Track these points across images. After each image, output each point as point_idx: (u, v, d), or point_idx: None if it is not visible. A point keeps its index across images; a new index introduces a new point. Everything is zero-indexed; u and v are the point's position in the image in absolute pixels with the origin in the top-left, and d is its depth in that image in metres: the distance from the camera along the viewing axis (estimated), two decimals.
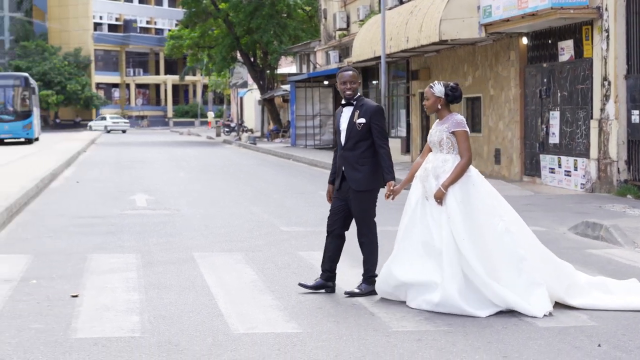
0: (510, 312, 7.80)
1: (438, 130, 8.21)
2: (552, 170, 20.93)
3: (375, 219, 8.73)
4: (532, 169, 22.22)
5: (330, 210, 8.81)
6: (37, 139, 51.56)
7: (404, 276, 8.08)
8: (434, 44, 23.93)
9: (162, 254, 11.18)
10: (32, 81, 51.19)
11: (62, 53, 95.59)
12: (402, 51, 26.84)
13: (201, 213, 15.80)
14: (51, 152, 36.60)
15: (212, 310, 8.01)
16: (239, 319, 7.66)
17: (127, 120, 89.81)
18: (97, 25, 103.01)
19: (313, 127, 42.37)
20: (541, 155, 21.48)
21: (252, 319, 7.67)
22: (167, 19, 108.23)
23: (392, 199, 8.50)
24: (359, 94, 8.73)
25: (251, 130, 63.12)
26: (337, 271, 8.93)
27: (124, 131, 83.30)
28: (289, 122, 49.48)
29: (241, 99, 75.67)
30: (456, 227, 7.91)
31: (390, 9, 29.47)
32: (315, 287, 8.73)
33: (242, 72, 68.17)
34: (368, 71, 35.61)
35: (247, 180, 23.88)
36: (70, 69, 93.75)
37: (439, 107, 8.28)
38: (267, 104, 54.91)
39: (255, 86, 59.36)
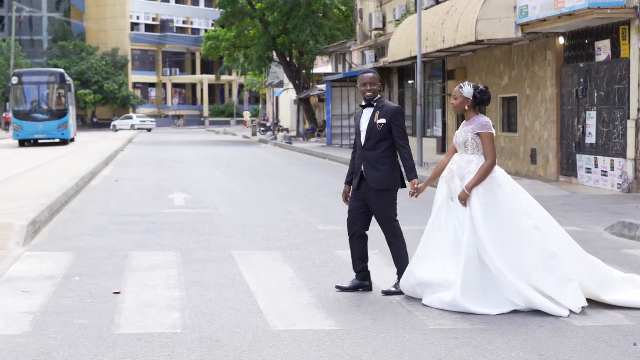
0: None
1: (464, 132, 8.30)
2: (588, 171, 20.89)
3: (399, 219, 8.85)
4: (568, 169, 22.18)
5: (348, 212, 8.93)
6: (72, 140, 49.38)
7: (424, 275, 8.21)
8: (470, 44, 23.95)
9: (201, 252, 11.34)
10: (68, 78, 48.53)
11: (100, 53, 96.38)
12: (438, 51, 26.87)
13: (239, 212, 15.96)
14: (89, 152, 36.99)
15: (252, 307, 8.15)
16: (278, 316, 7.79)
17: (153, 120, 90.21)
18: (134, 25, 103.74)
19: (349, 126, 42.38)
20: (578, 156, 21.44)
21: (291, 316, 7.80)
22: (204, 18, 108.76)
23: (416, 197, 8.62)
24: (379, 95, 8.84)
25: (287, 130, 63.32)
26: (373, 270, 9.05)
27: (149, 130, 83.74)
28: (325, 121, 49.59)
29: (277, 98, 75.87)
30: (479, 229, 7.99)
31: (426, 9, 29.51)
32: (353, 288, 8.85)
33: (278, 72, 68.38)
34: (404, 71, 35.66)
35: (283, 179, 24.02)
36: (107, 69, 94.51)
37: (466, 108, 8.37)
38: (303, 103, 55.05)
39: (291, 86, 59.52)
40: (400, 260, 8.75)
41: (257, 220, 14.77)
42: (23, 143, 45.46)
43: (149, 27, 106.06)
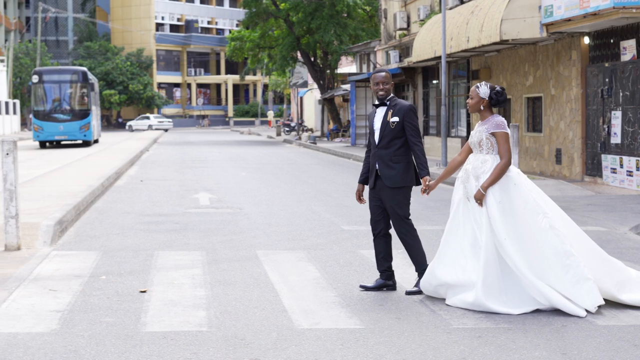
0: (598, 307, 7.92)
1: (478, 131, 8.34)
2: (613, 170, 20.84)
3: (413, 218, 8.90)
4: (593, 169, 22.13)
5: (370, 212, 9.00)
6: (96, 141, 48.13)
7: (445, 276, 8.24)
8: (494, 43, 23.93)
9: (226, 252, 11.42)
10: (91, 76, 46.21)
11: (125, 53, 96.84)
12: (463, 51, 26.86)
13: (263, 211, 16.04)
14: (114, 152, 37.18)
15: (276, 306, 8.21)
16: (303, 314, 7.85)
17: (170, 120, 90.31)
18: (159, 26, 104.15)
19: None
20: (602, 155, 21.38)
21: (315, 314, 7.86)
22: (228, 19, 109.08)
23: (427, 194, 8.67)
24: (391, 94, 8.92)
25: (311, 130, 63.42)
26: (397, 269, 9.10)
27: (165, 130, 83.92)
28: (349, 121, 49.61)
29: (301, 98, 75.98)
30: (497, 228, 8.02)
31: (450, 8, 29.51)
32: (377, 287, 8.89)
33: (302, 72, 68.52)
34: (428, 71, 35.65)
35: (307, 179, 24.08)
36: (132, 69, 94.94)
37: (482, 107, 8.41)
38: (327, 103, 55.11)
39: (315, 86, 59.60)
40: (417, 259, 8.81)
41: (282, 219, 14.84)
42: (44, 144, 44.21)
43: (174, 28, 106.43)
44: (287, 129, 66.89)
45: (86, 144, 44.45)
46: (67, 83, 43.90)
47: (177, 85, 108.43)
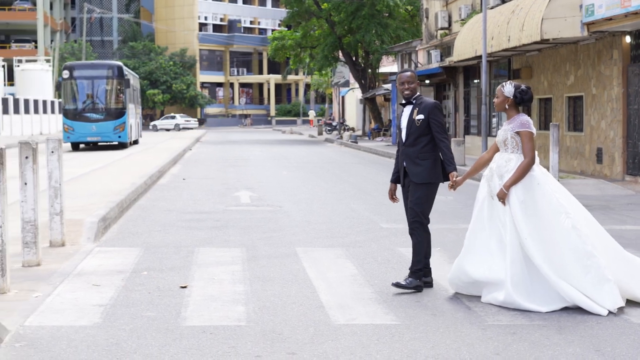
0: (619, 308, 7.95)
1: (504, 130, 8.41)
2: None
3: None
4: (634, 168, 22.02)
5: (405, 211, 9.11)
6: (135, 142, 45.41)
7: (475, 274, 8.31)
8: (535, 43, 23.89)
9: (266, 249, 11.57)
10: (127, 72, 42.28)
11: (168, 53, 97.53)
12: (504, 50, 26.83)
13: (303, 209, 16.18)
14: (157, 151, 37.51)
15: (314, 302, 8.34)
16: (340, 310, 7.97)
17: (195, 120, 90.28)
18: (202, 26, 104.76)
19: None
20: None
21: (352, 310, 7.97)
22: (271, 19, 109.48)
23: (454, 189, 8.77)
24: (417, 93, 9.04)
25: (352, 129, 63.51)
26: (434, 267, 9.19)
27: (185, 129, 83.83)
28: (390, 120, 49.65)
29: (343, 97, 76.11)
30: (520, 226, 8.07)
31: (492, 8, 29.48)
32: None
33: (343, 71, 68.64)
34: (469, 70, 35.61)
35: (347, 178, 24.19)
36: (175, 69, 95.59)
37: (507, 106, 8.46)
38: (369, 102, 55.19)
39: (356, 85, 59.69)
40: (416, 257, 8.85)
41: (321, 217, 14.98)
42: (77, 147, 40.78)
43: (217, 28, 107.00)
44: (328, 128, 67.04)
45: (122, 146, 41.00)
46: (101, 79, 40.21)
47: (219, 84, 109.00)
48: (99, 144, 41.54)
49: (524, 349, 6.76)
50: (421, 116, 8.80)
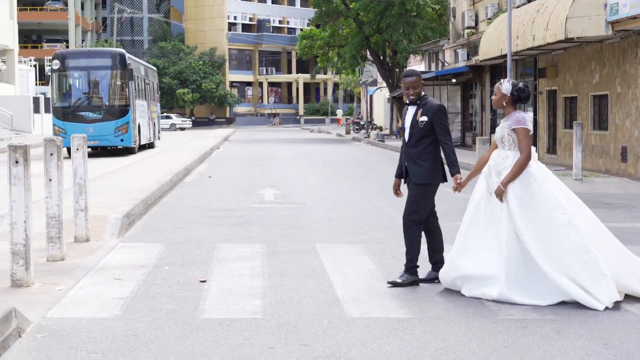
0: (616, 303, 8.03)
1: (501, 127, 8.52)
2: None
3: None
4: None
5: None
6: (150, 146, 39.48)
7: (466, 269, 8.41)
8: (560, 41, 23.91)
9: (286, 245, 11.74)
10: (130, 60, 34.62)
11: (198, 52, 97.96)
12: (529, 49, 26.86)
13: (326, 207, 16.33)
14: (184, 150, 37.70)
15: (330, 296, 8.49)
16: (355, 304, 8.12)
17: (190, 120, 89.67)
18: (231, 25, 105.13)
19: None
20: None
21: (367, 304, 8.12)
22: (299, 18, 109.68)
23: (459, 191, 8.88)
24: (423, 94, 9.09)
25: (380, 128, 63.58)
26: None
27: (182, 128, 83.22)
28: None
29: (371, 97, 76.20)
30: (518, 223, 8.17)
31: (517, 7, 29.50)
32: (429, 280, 9.11)
33: (371, 71, 68.69)
34: (496, 69, 35.60)
35: (372, 176, 24.32)
36: (205, 68, 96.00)
37: (504, 104, 8.57)
38: (396, 102, 55.21)
39: (384, 84, 59.78)
40: (409, 254, 9.00)
41: (343, 214, 15.13)
42: (70, 152, 29.00)
43: (246, 27, 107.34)
44: (356, 127, 67.17)
45: (128, 151, 34.19)
46: (99, 70, 33.30)
47: (249, 84, 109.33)
48: (107, 148, 34.36)
49: (533, 342, 6.87)
50: (425, 118, 8.89)
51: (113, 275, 9.45)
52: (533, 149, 8.46)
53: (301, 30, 78.63)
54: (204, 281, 9.19)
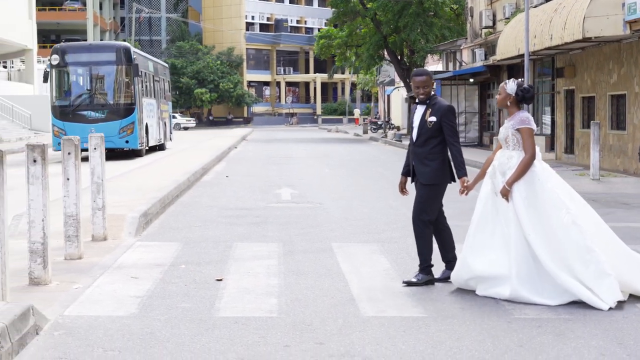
0: (632, 302, 8.05)
1: (505, 127, 8.52)
2: None
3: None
4: None
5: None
6: (160, 147, 37.31)
7: (477, 269, 8.42)
8: (577, 41, 23.86)
9: (302, 244, 11.78)
10: (136, 55, 32.16)
11: (216, 52, 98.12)
12: (546, 49, 26.81)
13: (342, 206, 16.37)
14: (202, 149, 37.77)
15: (345, 295, 8.52)
16: (370, 303, 8.15)
17: (194, 119, 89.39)
18: (249, 25, 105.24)
19: (458, 124, 42.23)
20: None
21: (382, 303, 8.15)
22: (317, 18, 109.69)
23: (466, 194, 8.88)
24: (432, 93, 9.08)
25: (397, 128, 63.55)
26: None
27: (185, 128, 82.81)
28: None
29: (388, 96, 76.16)
30: (523, 223, 8.19)
31: (535, 6, 29.44)
32: (443, 279, 9.13)
33: (389, 70, 68.66)
34: (513, 68, 35.51)
35: (389, 176, 24.29)
36: (223, 68, 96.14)
37: (508, 103, 8.57)
38: (414, 101, 55.09)
39: (402, 84, 59.71)
40: (424, 252, 9.01)
41: (359, 214, 15.15)
42: None
43: (264, 27, 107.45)
44: (373, 126, 67.16)
45: (135, 153, 31.81)
46: (102, 65, 30.85)
47: (266, 83, 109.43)
48: (111, 150, 30.57)
49: (548, 341, 6.89)
50: (433, 118, 8.89)
51: (130, 274, 9.51)
52: (537, 148, 8.47)
53: (319, 30, 78.67)
54: (220, 280, 9.24)
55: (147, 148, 33.28)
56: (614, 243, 8.45)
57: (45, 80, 30.77)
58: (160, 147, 37.58)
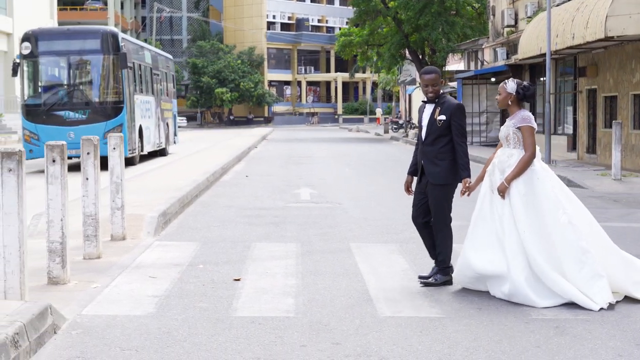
0: (611, 304, 8.01)
1: (506, 126, 8.52)
2: None
3: (451, 214, 9.08)
4: None
5: (412, 206, 9.25)
6: (162, 153, 32.66)
7: (480, 268, 8.40)
8: (599, 40, 23.73)
9: (320, 244, 11.78)
10: (125, 42, 26.61)
11: (237, 51, 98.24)
12: (568, 48, 26.68)
13: (361, 206, 16.35)
14: (222, 148, 37.78)
15: (363, 295, 8.52)
16: (387, 303, 8.14)
17: (184, 119, 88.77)
18: (270, 24, 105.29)
19: (479, 123, 42.36)
20: None
21: (399, 303, 8.14)
22: (338, 17, 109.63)
23: (468, 195, 8.84)
24: (441, 92, 9.04)
25: None
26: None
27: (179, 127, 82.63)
28: None
29: (409, 96, 75.97)
30: (520, 219, 8.19)
31: (557, 5, 29.31)
32: (431, 277, 9.08)
33: (410, 70, 68.54)
34: (535, 68, 35.40)
35: None
36: (243, 67, 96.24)
37: (509, 103, 8.57)
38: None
39: None
40: (444, 253, 8.97)
41: (378, 214, 15.14)
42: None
43: (285, 26, 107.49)
44: (395, 126, 67.03)
45: (127, 162, 23.27)
46: (82, 54, 25.60)
47: (287, 83, 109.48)
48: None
49: (565, 342, 6.86)
50: (443, 117, 8.84)
51: (148, 274, 9.54)
52: (537, 147, 8.47)
53: (340, 29, 78.61)
54: (238, 280, 9.25)
55: (140, 155, 28.35)
56: (608, 245, 8.47)
57: (14, 73, 25.42)
58: (162, 153, 32.99)
